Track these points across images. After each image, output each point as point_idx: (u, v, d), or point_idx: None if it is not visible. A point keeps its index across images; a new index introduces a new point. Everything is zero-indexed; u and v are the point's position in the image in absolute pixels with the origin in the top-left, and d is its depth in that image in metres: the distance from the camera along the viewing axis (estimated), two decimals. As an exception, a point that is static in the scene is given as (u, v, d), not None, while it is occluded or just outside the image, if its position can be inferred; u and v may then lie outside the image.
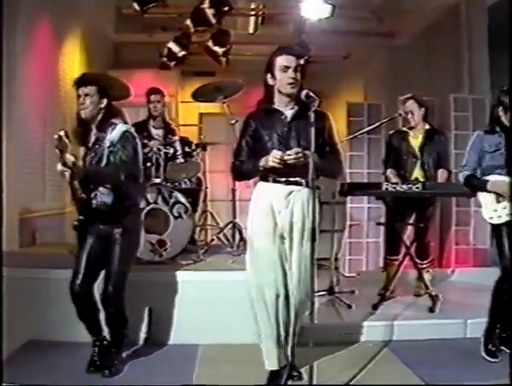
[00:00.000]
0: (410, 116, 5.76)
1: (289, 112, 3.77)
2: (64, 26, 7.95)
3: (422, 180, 5.57)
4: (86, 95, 4.09)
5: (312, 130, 3.48)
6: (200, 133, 8.32)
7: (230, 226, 6.31)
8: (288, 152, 3.57)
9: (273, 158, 3.58)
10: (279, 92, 3.73)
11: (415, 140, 5.82)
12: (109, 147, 4.05)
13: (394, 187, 5.20)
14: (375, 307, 5.41)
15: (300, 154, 3.51)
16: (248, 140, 3.80)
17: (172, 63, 8.95)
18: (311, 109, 3.55)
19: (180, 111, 9.93)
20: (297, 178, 3.69)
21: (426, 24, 8.73)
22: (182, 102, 10.26)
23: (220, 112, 7.39)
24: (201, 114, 8.71)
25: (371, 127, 5.93)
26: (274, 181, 3.74)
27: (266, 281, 3.75)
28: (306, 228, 3.71)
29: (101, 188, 4.09)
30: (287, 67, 3.68)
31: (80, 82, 4.17)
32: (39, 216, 6.91)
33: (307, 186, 3.69)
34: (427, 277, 5.75)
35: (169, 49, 8.78)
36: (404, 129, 5.86)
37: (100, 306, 4.12)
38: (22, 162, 6.48)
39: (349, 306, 5.53)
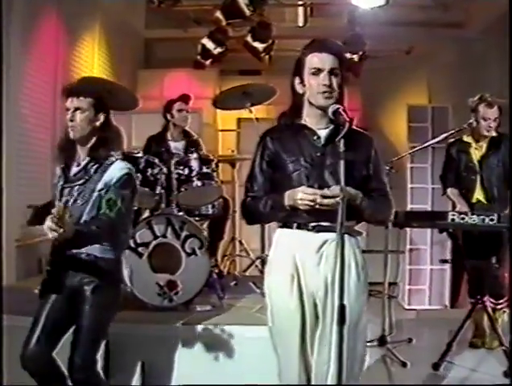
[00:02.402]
0: (483, 122, 5.16)
1: (323, 132, 3.03)
2: (80, 21, 7.57)
3: (484, 202, 5.21)
4: (77, 109, 3.48)
5: (342, 163, 2.75)
6: (237, 142, 8.28)
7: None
8: (325, 191, 2.84)
9: (303, 198, 2.87)
10: (310, 103, 3.02)
11: (477, 151, 5.29)
12: (101, 190, 3.44)
13: (463, 218, 4.60)
14: (436, 367, 4.76)
15: (342, 196, 2.76)
16: (264, 168, 3.09)
17: (207, 62, 8.61)
18: (341, 133, 2.79)
19: (218, 115, 9.40)
20: (332, 223, 2.83)
21: (499, 13, 7.84)
22: (220, 105, 9.89)
23: (262, 118, 7.03)
24: (239, 120, 8.04)
25: (434, 140, 5.48)
26: (299, 226, 2.99)
27: (288, 371, 3.05)
28: (351, 292, 2.92)
29: None
30: (319, 70, 2.95)
31: (70, 92, 3.55)
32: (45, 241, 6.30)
33: (346, 232, 2.85)
34: (500, 320, 5.23)
35: (203, 46, 8.44)
36: (465, 138, 5.32)
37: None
38: (22, 171, 6.21)
39: (404, 364, 4.88)
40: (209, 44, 8.36)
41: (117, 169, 3.47)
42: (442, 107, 7.34)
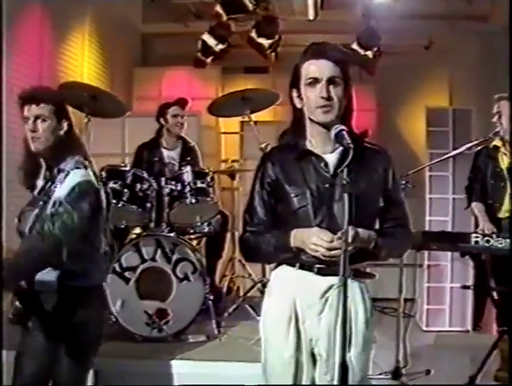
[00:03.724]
0: (497, 119, 5.20)
1: (331, 158, 2.83)
2: (68, 16, 7.42)
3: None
4: (37, 117, 3.29)
5: (346, 198, 2.58)
6: (241, 145, 8.20)
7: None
8: (340, 235, 2.62)
9: (317, 243, 2.67)
10: (310, 119, 2.82)
11: (506, 156, 5.22)
12: (51, 207, 3.21)
13: (488, 241, 4.40)
14: (458, 408, 4.62)
15: (348, 241, 2.59)
16: (265, 198, 2.92)
17: (208, 59, 8.48)
18: (345, 162, 2.65)
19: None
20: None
21: (527, 4, 8.17)
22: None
23: (268, 121, 7.44)
24: (242, 122, 7.94)
25: (455, 152, 5.38)
26: (303, 267, 2.82)
27: None
28: (357, 344, 2.81)
29: None
30: (316, 80, 2.73)
31: (28, 99, 3.34)
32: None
33: (356, 275, 2.84)
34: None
35: (203, 42, 8.30)
36: (495, 143, 5.24)
37: None
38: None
39: (421, 401, 4.79)
40: (210, 40, 8.25)
41: (67, 183, 3.27)
42: (464, 109, 7.13)
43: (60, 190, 3.25)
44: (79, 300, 3.32)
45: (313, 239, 2.67)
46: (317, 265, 2.77)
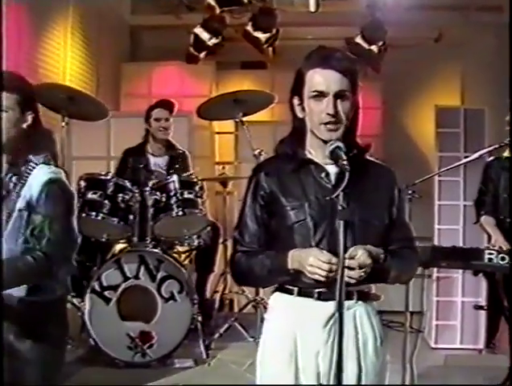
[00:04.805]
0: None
1: (333, 168, 2.75)
2: (48, 6, 7.34)
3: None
4: None
5: (341, 225, 2.51)
6: (235, 146, 8.13)
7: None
8: (351, 261, 2.56)
9: (313, 264, 2.58)
10: (312, 132, 2.76)
11: None
12: (22, 210, 3.12)
13: (503, 258, 4.39)
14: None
15: (367, 263, 2.56)
16: (258, 213, 2.82)
17: (201, 54, 8.38)
18: (341, 185, 2.53)
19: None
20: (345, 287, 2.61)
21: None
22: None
23: (264, 121, 7.44)
24: (237, 123, 7.82)
25: (467, 160, 5.31)
26: (301, 293, 2.73)
27: None
28: (368, 376, 2.74)
29: None
30: (322, 94, 2.65)
31: None
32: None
33: (360, 298, 2.74)
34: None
35: (196, 36, 8.20)
36: (506, 153, 5.31)
37: None
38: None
39: (430, 436, 4.90)
40: (203, 34, 8.19)
41: (37, 178, 3.18)
42: (477, 109, 7.01)
43: (27, 192, 3.16)
44: (38, 315, 3.24)
45: (310, 259, 2.58)
46: (317, 290, 2.68)
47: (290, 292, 2.75)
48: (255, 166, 2.90)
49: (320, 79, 2.65)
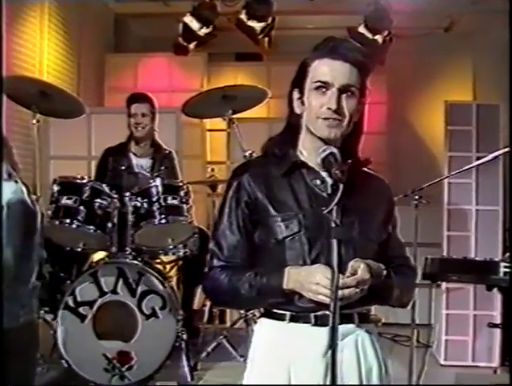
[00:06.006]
0: None
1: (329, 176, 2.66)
2: None
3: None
4: None
5: (335, 245, 2.43)
6: (227, 144, 7.82)
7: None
8: (357, 276, 2.49)
9: (322, 283, 2.45)
10: (308, 129, 2.64)
11: None
12: None
13: None
14: None
15: (365, 278, 2.46)
16: (240, 222, 2.67)
17: (191, 45, 8.42)
18: (334, 199, 2.44)
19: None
20: (346, 309, 2.52)
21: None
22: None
23: (260, 118, 7.41)
24: (230, 120, 7.82)
25: (479, 162, 5.26)
26: (295, 318, 2.59)
27: None
28: None
29: None
30: (326, 85, 2.55)
31: None
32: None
33: (361, 321, 2.64)
34: None
35: (185, 25, 8.20)
36: None
37: None
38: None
39: None
40: (193, 23, 8.18)
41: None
42: (491, 105, 6.89)
43: None
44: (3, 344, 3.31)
45: (317, 277, 2.45)
46: (313, 314, 2.56)
47: (281, 318, 2.61)
48: (237, 167, 2.75)
49: (326, 69, 2.57)
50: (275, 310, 2.62)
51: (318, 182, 2.62)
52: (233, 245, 2.67)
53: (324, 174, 2.60)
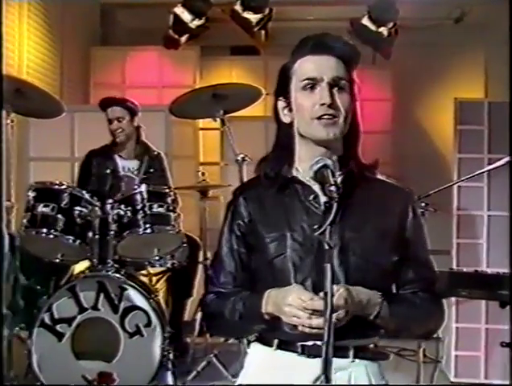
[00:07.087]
0: None
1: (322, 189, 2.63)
2: None
3: None
4: None
5: (328, 269, 2.31)
6: (221, 143, 8.16)
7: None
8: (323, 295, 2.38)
9: (293, 304, 2.44)
10: (301, 136, 2.63)
11: None
12: None
13: None
14: None
15: (338, 304, 2.39)
16: (234, 246, 2.73)
17: (183, 38, 8.39)
18: (327, 220, 2.35)
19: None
20: (337, 340, 2.38)
21: None
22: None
23: (255, 116, 7.40)
24: (222, 120, 7.86)
25: (492, 166, 5.26)
26: (282, 346, 2.59)
27: None
28: None
29: None
30: (315, 82, 2.55)
31: None
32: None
33: (358, 356, 2.58)
34: None
35: (176, 16, 8.19)
36: None
37: None
38: None
39: None
40: (185, 15, 8.17)
41: None
42: (504, 103, 6.54)
43: None
44: None
45: (289, 299, 2.43)
46: (301, 343, 2.52)
47: (269, 344, 2.60)
48: (235, 189, 2.81)
49: (311, 65, 2.56)
50: (265, 335, 2.61)
51: (311, 197, 2.60)
52: (228, 271, 2.70)
53: (317, 189, 2.57)
